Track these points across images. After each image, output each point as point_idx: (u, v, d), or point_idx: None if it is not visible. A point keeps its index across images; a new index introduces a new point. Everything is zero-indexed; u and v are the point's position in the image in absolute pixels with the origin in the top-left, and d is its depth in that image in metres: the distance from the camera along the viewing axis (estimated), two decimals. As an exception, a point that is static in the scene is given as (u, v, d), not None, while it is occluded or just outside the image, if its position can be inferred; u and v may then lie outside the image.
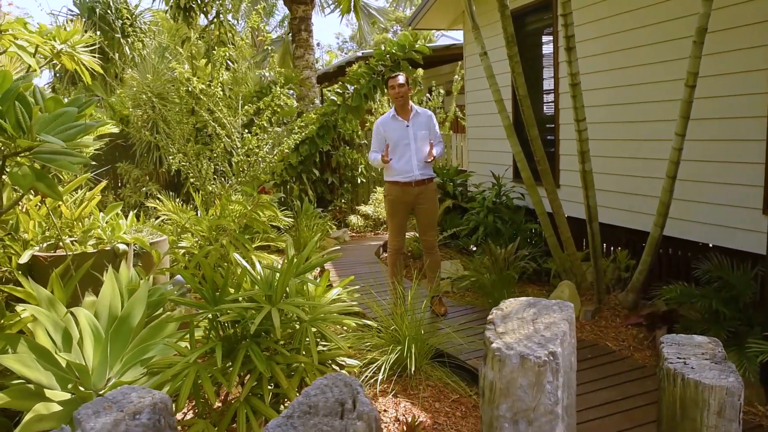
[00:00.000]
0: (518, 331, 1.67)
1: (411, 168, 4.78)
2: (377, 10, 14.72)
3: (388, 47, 8.65)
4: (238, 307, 2.53)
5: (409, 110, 4.89)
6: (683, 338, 1.85)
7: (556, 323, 1.71)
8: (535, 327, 1.70)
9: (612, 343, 4.19)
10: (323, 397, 1.31)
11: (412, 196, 4.81)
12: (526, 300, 1.94)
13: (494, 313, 1.87)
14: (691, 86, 3.94)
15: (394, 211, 4.92)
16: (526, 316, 1.81)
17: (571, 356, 1.72)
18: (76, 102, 2.69)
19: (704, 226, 4.59)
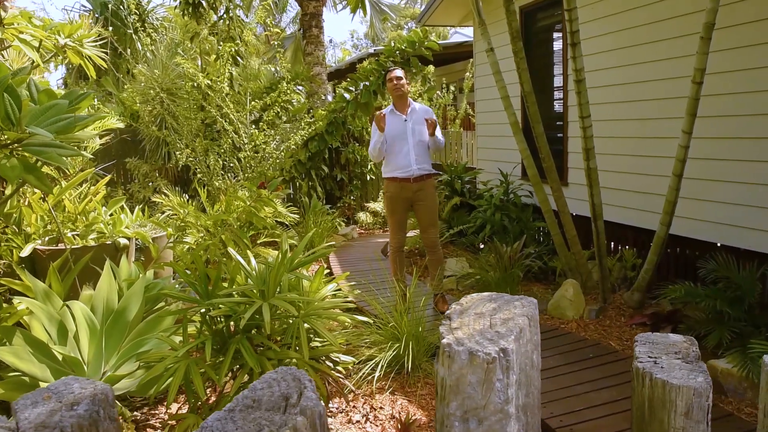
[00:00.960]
0: (472, 326, 1.63)
1: (409, 163, 4.69)
2: (389, 6, 14.65)
3: (398, 44, 8.61)
4: (230, 301, 2.52)
5: (407, 105, 4.81)
6: (658, 336, 1.80)
7: (513, 319, 1.66)
8: (492, 322, 1.66)
9: (615, 342, 4.13)
10: (269, 391, 1.29)
11: (410, 192, 4.73)
12: (488, 295, 1.89)
13: (453, 308, 1.82)
14: (698, 83, 3.87)
15: (393, 208, 4.85)
16: (484, 311, 1.76)
17: (533, 353, 1.68)
18: (70, 95, 2.70)
19: (712, 224, 4.51)
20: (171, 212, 5.63)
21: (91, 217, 4.37)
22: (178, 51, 9.69)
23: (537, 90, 6.73)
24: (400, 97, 4.77)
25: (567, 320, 4.57)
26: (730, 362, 3.42)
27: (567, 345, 4.00)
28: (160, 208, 5.51)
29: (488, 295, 1.90)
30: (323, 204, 8.92)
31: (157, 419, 3.08)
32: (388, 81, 4.85)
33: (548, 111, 6.61)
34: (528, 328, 1.64)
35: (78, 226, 4.22)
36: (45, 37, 4.08)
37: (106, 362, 3.04)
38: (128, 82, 8.49)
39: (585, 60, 5.75)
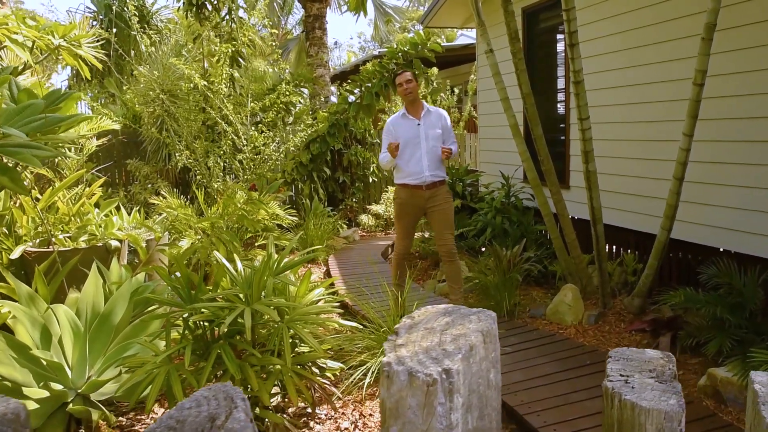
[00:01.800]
0: (419, 343, 1.53)
1: (421, 169, 4.48)
2: (393, 8, 14.60)
3: (401, 46, 8.56)
4: (212, 306, 2.47)
5: (420, 108, 4.62)
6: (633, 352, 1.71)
7: (466, 335, 1.55)
8: (441, 339, 1.56)
9: (614, 348, 4.04)
10: (196, 410, 1.21)
11: (422, 200, 4.52)
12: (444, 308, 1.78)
13: (402, 322, 1.70)
14: (699, 85, 3.79)
15: (402, 214, 4.64)
16: (435, 326, 1.65)
17: (489, 372, 1.58)
18: (51, 96, 2.66)
19: (714, 229, 4.42)
20: (168, 214, 5.61)
21: (85, 219, 4.34)
22: (182, 52, 9.69)
23: (540, 92, 6.68)
24: (412, 101, 4.59)
25: (566, 326, 4.49)
26: (730, 370, 3.33)
27: (564, 351, 3.92)
28: (157, 210, 5.47)
29: (444, 308, 1.80)
30: (325, 206, 8.88)
31: (142, 425, 3.03)
32: (398, 85, 4.63)
33: (551, 113, 6.54)
34: (482, 345, 1.54)
35: (71, 227, 4.19)
36: (38, 38, 4.05)
37: (91, 366, 3.00)
38: (130, 84, 8.47)
39: (586, 62, 5.67)
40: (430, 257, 6.72)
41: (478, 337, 1.52)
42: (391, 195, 9.73)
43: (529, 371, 3.62)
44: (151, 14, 11.20)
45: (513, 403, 3.23)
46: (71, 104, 2.87)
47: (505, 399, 3.30)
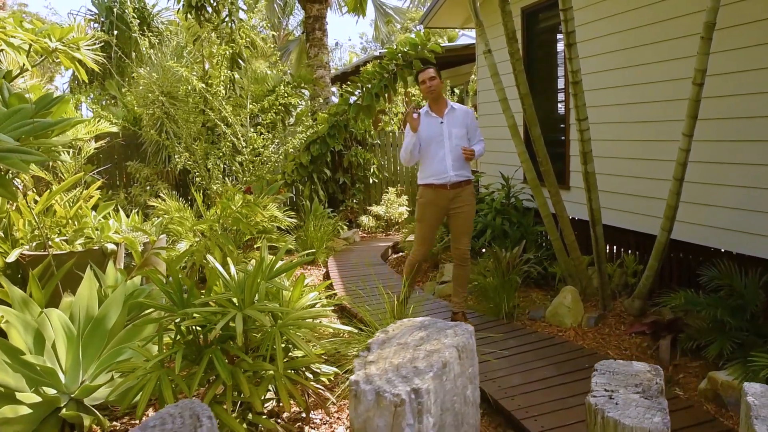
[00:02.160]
0: (390, 360, 1.47)
1: (445, 168, 4.32)
2: (394, 9, 14.56)
3: (400, 46, 8.54)
4: (204, 311, 2.45)
5: (444, 106, 4.43)
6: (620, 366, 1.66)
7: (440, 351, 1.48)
8: (414, 354, 1.49)
9: (614, 352, 4.02)
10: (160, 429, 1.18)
11: (446, 200, 4.36)
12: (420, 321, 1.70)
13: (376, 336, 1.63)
14: (698, 84, 3.75)
15: (425, 215, 4.44)
16: (410, 341, 1.58)
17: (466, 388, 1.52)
18: (42, 100, 2.65)
19: (715, 230, 4.38)
20: (165, 217, 5.59)
21: (82, 222, 4.33)
22: (184, 54, 9.70)
23: (540, 92, 6.65)
24: (435, 99, 4.43)
25: (565, 328, 4.46)
26: (731, 374, 3.29)
27: (562, 354, 3.89)
28: (155, 213, 5.46)
29: (420, 321, 1.74)
30: (325, 207, 8.86)
31: (137, 429, 3.01)
32: (420, 83, 4.44)
33: (551, 113, 6.50)
34: (457, 361, 1.48)
35: (68, 230, 4.17)
36: (34, 41, 4.04)
37: (85, 371, 2.98)
38: (129, 86, 8.46)
39: (587, 62, 5.65)
40: (429, 258, 6.69)
41: (453, 353, 1.46)
42: (391, 196, 9.72)
43: (526, 375, 3.59)
44: (152, 16, 11.20)
45: (510, 408, 3.20)
46: (63, 108, 2.86)
47: (503, 403, 3.28)
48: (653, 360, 3.88)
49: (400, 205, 9.62)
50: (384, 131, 10.58)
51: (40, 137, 2.68)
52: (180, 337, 2.51)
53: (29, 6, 38.47)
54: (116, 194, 8.08)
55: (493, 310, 4.84)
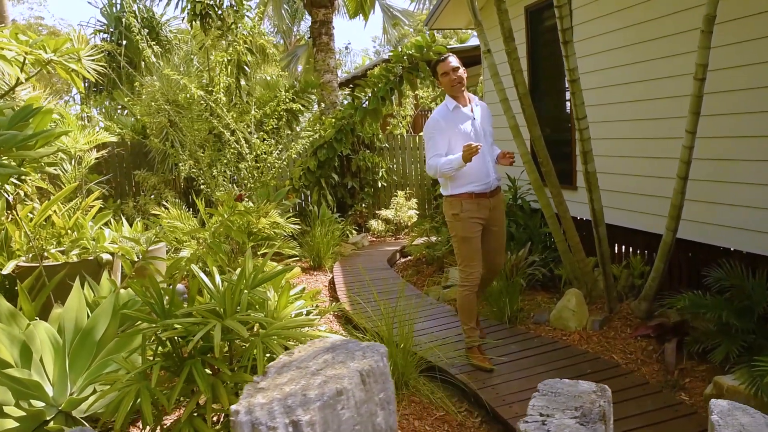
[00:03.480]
0: (282, 387, 1.36)
1: (487, 172, 3.69)
2: (402, 12, 14.51)
3: (405, 49, 8.48)
4: (184, 322, 2.41)
5: (468, 100, 3.83)
6: (565, 386, 1.53)
7: (339, 377, 1.37)
8: (310, 381, 1.37)
9: (618, 355, 3.91)
10: None
11: (487, 210, 3.70)
12: (331, 342, 1.56)
13: (279, 359, 1.50)
14: (700, 79, 3.64)
15: (468, 232, 3.68)
16: (311, 365, 1.46)
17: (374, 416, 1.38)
18: (22, 112, 2.64)
19: (725, 229, 4.25)
20: (166, 225, 5.59)
21: (80, 232, 4.34)
22: (193, 62, 9.75)
23: (545, 91, 6.55)
24: (461, 93, 3.79)
25: (569, 332, 4.35)
26: (737, 379, 3.17)
27: (565, 359, 3.79)
28: (157, 221, 5.46)
29: (332, 342, 1.61)
30: (333, 212, 8.82)
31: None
32: (442, 75, 3.74)
33: (556, 112, 6.40)
34: (359, 387, 1.36)
35: (65, 241, 4.18)
36: (28, 53, 4.05)
37: (73, 383, 2.96)
38: (132, 95, 8.52)
39: (594, 59, 5.54)
40: (435, 263, 6.61)
41: (354, 379, 1.34)
42: (400, 200, 9.64)
43: (526, 381, 3.50)
44: (161, 25, 11.29)
45: (507, 416, 3.12)
46: (46, 120, 2.85)
47: (500, 411, 3.19)
48: (658, 364, 3.77)
49: (410, 209, 9.55)
50: (392, 134, 10.52)
51: (22, 149, 2.67)
52: (161, 348, 2.47)
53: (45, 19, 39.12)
54: (125, 203, 8.13)
55: (496, 314, 4.75)
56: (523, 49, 6.65)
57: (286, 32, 19.04)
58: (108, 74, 9.42)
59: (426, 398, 3.47)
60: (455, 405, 3.47)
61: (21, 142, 2.47)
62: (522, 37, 6.66)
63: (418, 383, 3.58)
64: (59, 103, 10.64)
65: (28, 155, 2.51)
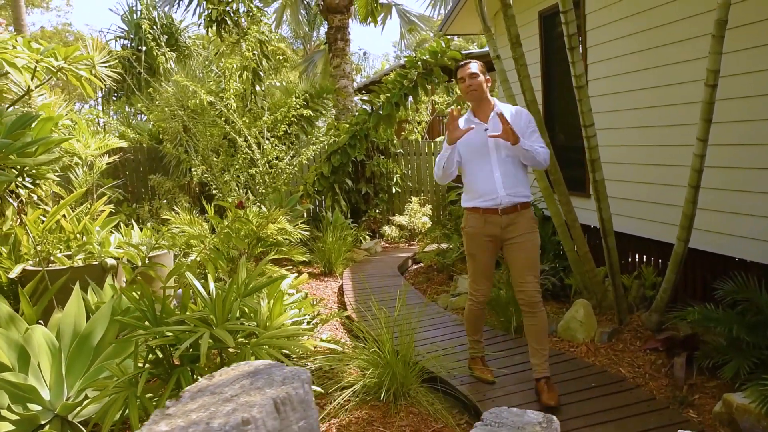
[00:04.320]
0: (189, 415, 1.27)
1: (493, 188, 3.40)
2: (419, 17, 14.50)
3: (420, 54, 8.46)
4: (174, 329, 2.40)
5: (490, 109, 3.51)
6: (511, 415, 1.41)
7: (249, 405, 1.28)
8: (220, 409, 1.28)
9: (626, 369, 3.81)
10: None
11: (497, 228, 3.42)
12: (255, 367, 1.44)
13: (197, 383, 1.41)
14: (711, 85, 3.55)
15: (473, 248, 3.55)
16: (227, 391, 1.37)
17: None
18: (21, 119, 2.66)
19: (741, 239, 4.13)
20: (179, 230, 5.62)
21: (89, 237, 4.38)
22: (212, 68, 9.85)
23: (558, 97, 6.46)
24: (479, 101, 3.51)
25: (577, 343, 4.26)
26: (747, 397, 3.06)
27: (570, 372, 3.70)
28: (167, 226, 5.49)
29: (256, 366, 1.49)
30: (347, 218, 8.81)
31: (122, 447, 2.99)
32: (459, 81, 3.54)
33: (570, 119, 6.29)
34: (271, 416, 1.27)
35: (73, 245, 4.22)
36: (39, 61, 4.10)
37: (70, 387, 2.97)
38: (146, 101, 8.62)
39: (603, 65, 5.45)
40: (445, 270, 6.55)
41: (266, 408, 1.26)
42: (414, 206, 9.60)
43: (528, 394, 3.43)
44: (179, 31, 11.42)
45: (506, 429, 3.04)
46: (47, 127, 2.87)
47: (499, 424, 3.12)
48: (667, 379, 3.67)
49: (424, 215, 9.51)
50: (407, 140, 10.49)
51: (23, 156, 2.70)
52: (151, 355, 2.47)
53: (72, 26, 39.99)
54: (140, 207, 8.22)
55: (504, 324, 4.67)
56: (537, 54, 6.59)
57: (305, 38, 19.16)
58: (126, 80, 9.54)
59: (425, 409, 3.41)
60: (455, 417, 3.41)
61: (20, 149, 2.49)
62: (535, 43, 6.59)
63: (419, 394, 3.53)
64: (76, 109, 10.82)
65: (25, 162, 2.53)
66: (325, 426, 3.17)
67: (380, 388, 3.40)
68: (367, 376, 3.40)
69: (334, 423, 3.21)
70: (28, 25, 9.89)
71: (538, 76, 6.60)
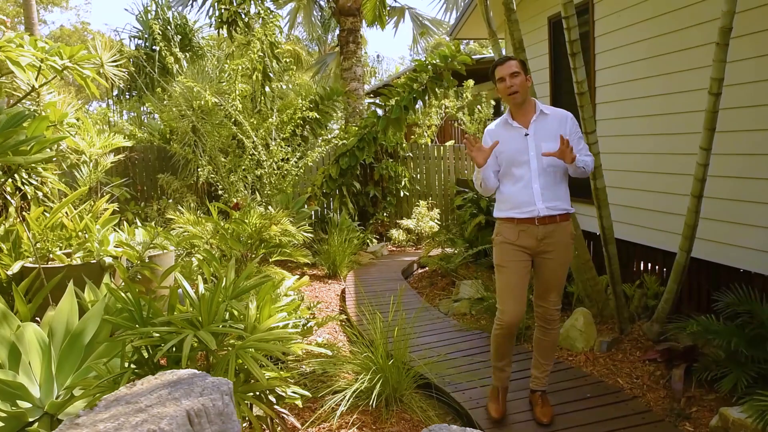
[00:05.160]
0: (97, 426, 1.20)
1: (531, 198, 3.09)
2: (431, 20, 14.48)
3: (430, 58, 8.43)
4: (162, 330, 2.40)
5: (531, 112, 3.18)
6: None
7: (160, 417, 1.23)
8: (128, 420, 1.18)
9: (624, 379, 3.75)
10: None
11: (533, 239, 3.10)
12: (177, 376, 1.39)
13: (116, 392, 1.37)
14: (715, 94, 3.49)
15: (503, 259, 3.16)
16: (143, 401, 1.33)
17: None
18: (14, 118, 2.68)
19: (745, 250, 4.06)
20: (182, 229, 5.65)
21: (91, 235, 4.41)
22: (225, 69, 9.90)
23: (567, 103, 6.39)
24: (519, 103, 3.15)
25: (576, 352, 4.21)
26: (744, 411, 2.99)
27: (566, 382, 3.66)
28: (170, 226, 5.52)
29: (179, 376, 1.46)
30: (355, 220, 8.81)
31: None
32: (498, 81, 3.15)
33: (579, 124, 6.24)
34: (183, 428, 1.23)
35: (73, 243, 4.25)
36: (45, 60, 4.15)
37: (61, 386, 2.99)
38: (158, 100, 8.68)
39: (609, 72, 5.39)
40: (449, 275, 6.51)
41: (177, 420, 1.21)
42: (422, 210, 9.56)
43: (521, 403, 3.38)
44: (193, 32, 11.51)
45: (496, 439, 3.01)
46: (42, 125, 2.89)
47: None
48: (665, 390, 3.60)
49: (432, 219, 9.47)
50: (417, 144, 10.47)
51: (18, 154, 2.72)
52: (137, 356, 2.47)
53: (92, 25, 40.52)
54: (149, 206, 8.28)
55: (503, 331, 4.62)
56: (546, 60, 6.54)
57: (320, 40, 19.21)
58: (137, 80, 9.63)
59: (418, 416, 3.38)
60: (448, 423, 3.37)
61: (12, 147, 2.51)
62: (545, 48, 6.55)
63: (412, 400, 3.50)
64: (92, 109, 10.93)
65: (16, 161, 2.55)
66: (315, 430, 3.15)
67: (372, 394, 3.38)
68: (359, 380, 3.38)
69: (323, 427, 3.19)
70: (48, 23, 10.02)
71: (547, 82, 6.55)
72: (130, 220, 7.32)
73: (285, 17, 14.63)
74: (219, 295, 2.50)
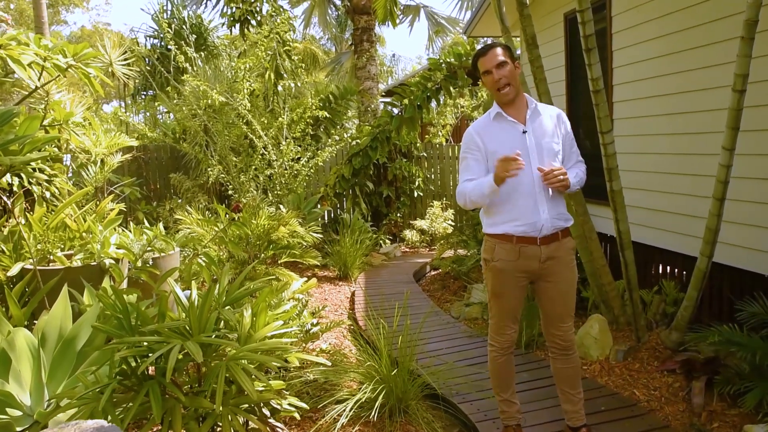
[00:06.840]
0: None
1: (534, 208, 2.62)
2: (447, 19, 14.28)
3: (444, 56, 8.28)
4: (150, 339, 2.29)
5: (525, 106, 2.74)
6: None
7: None
8: None
9: (641, 391, 3.57)
10: None
11: (536, 262, 2.66)
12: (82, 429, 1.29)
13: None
14: (739, 91, 3.30)
15: (501, 287, 2.73)
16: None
17: None
18: (2, 116, 2.60)
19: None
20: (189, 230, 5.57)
21: (93, 236, 4.34)
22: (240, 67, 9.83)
23: (583, 101, 6.20)
24: (509, 95, 2.67)
25: (590, 361, 4.04)
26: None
27: (579, 393, 3.48)
28: (177, 226, 5.45)
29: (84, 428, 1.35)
30: (368, 221, 8.69)
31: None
32: (483, 74, 2.70)
33: (595, 124, 6.04)
34: None
35: (75, 245, 4.19)
36: (48, 58, 4.08)
37: (52, 393, 2.90)
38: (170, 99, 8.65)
39: (634, 68, 5.19)
40: (462, 278, 6.35)
41: None
42: (436, 210, 9.40)
43: (531, 416, 3.23)
44: (208, 31, 11.47)
45: (503, 454, 2.86)
46: (34, 125, 2.81)
47: (496, 448, 2.95)
48: (685, 404, 3.42)
49: (445, 220, 9.32)
50: (431, 143, 10.32)
51: (9, 154, 2.64)
52: (125, 366, 2.37)
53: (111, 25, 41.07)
54: (162, 205, 8.24)
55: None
56: (562, 57, 6.35)
57: (336, 39, 19.12)
58: (149, 79, 9.59)
59: (423, 428, 3.25)
60: (453, 437, 3.24)
61: (1, 147, 2.43)
62: (561, 46, 6.36)
63: (418, 411, 3.36)
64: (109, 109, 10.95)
65: (2, 161, 2.47)
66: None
67: (375, 405, 3.25)
68: (361, 390, 3.25)
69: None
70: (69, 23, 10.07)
71: (563, 80, 6.37)
72: (140, 220, 7.28)
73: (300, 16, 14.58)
74: (210, 302, 2.39)
